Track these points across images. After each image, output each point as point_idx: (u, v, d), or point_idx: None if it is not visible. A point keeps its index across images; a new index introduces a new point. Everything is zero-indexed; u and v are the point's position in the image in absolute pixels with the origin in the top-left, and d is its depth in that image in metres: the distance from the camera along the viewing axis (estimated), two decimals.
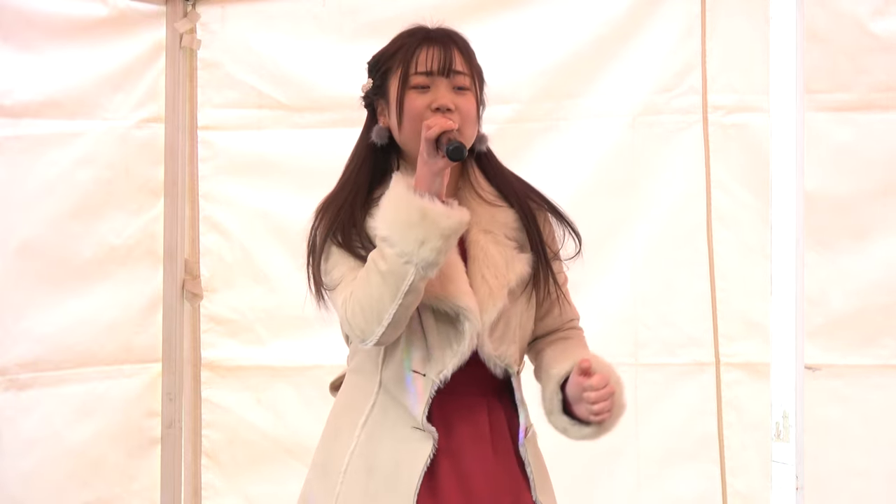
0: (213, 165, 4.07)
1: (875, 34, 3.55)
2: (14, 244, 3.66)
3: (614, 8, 3.73)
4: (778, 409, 1.82)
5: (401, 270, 2.23)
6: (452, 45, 2.40)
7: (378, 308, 2.26)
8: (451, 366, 2.34)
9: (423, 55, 2.39)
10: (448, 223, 2.23)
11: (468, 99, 2.38)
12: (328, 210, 2.44)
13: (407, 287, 2.23)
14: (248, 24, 4.01)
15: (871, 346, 3.62)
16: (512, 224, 2.43)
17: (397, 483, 2.34)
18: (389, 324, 2.27)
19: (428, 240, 2.22)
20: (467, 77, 2.38)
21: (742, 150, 3.67)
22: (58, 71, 3.75)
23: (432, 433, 2.34)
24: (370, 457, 2.38)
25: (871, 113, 3.59)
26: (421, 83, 2.38)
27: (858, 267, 3.60)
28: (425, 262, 2.22)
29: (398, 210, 2.25)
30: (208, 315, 4.08)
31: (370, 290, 2.27)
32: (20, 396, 3.67)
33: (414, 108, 2.36)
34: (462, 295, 2.32)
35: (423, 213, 2.22)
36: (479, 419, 2.40)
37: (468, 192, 2.44)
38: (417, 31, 2.45)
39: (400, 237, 2.23)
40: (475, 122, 2.39)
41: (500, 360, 2.39)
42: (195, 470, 4.09)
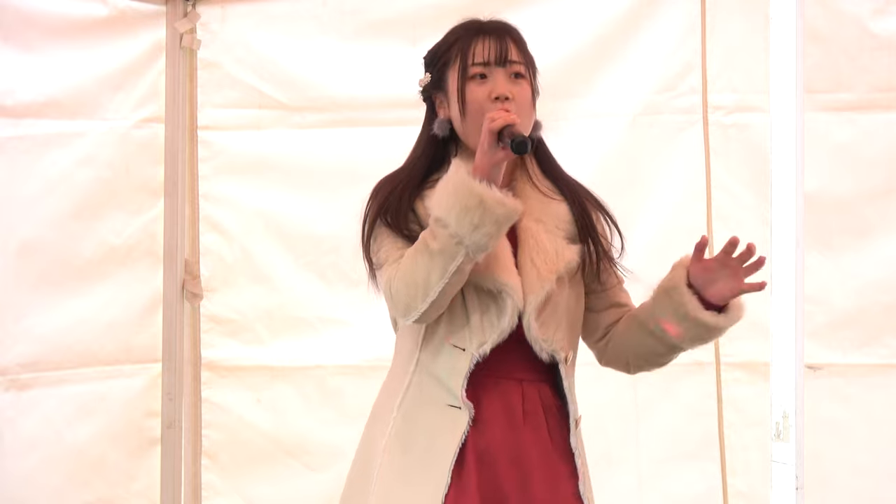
0: (213, 165, 4.07)
1: (875, 34, 3.55)
2: (15, 244, 3.65)
3: (614, 8, 3.73)
4: (778, 409, 1.82)
5: (452, 250, 2.30)
6: (507, 36, 2.46)
7: (424, 285, 2.33)
8: (491, 341, 2.39)
9: (480, 46, 2.44)
10: (503, 211, 2.30)
11: (524, 88, 2.44)
12: (381, 191, 2.51)
13: (455, 267, 2.31)
14: (248, 24, 4.01)
15: (872, 345, 3.62)
16: (564, 217, 2.48)
17: (433, 459, 2.39)
18: (433, 301, 2.34)
19: (482, 225, 2.29)
20: (522, 65, 2.45)
21: (742, 150, 3.67)
22: (58, 71, 3.75)
23: (469, 408, 2.39)
24: (406, 436, 2.43)
25: (871, 113, 3.59)
26: (479, 73, 2.44)
27: (859, 266, 3.61)
28: (476, 245, 2.29)
29: (456, 194, 2.31)
30: (208, 315, 4.08)
31: (418, 266, 2.34)
32: (21, 397, 3.67)
33: (475, 99, 2.43)
34: (505, 272, 2.39)
35: (481, 199, 2.29)
36: (513, 401, 2.43)
37: (524, 181, 2.50)
38: (472, 24, 2.50)
39: (455, 219, 2.29)
40: (531, 110, 2.46)
41: (546, 344, 2.42)
42: (195, 470, 4.08)
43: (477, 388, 2.41)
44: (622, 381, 3.71)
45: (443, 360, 2.42)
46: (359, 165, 3.94)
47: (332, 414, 3.98)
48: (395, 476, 2.42)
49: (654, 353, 2.52)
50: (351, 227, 3.95)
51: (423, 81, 2.55)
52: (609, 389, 3.75)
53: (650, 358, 2.53)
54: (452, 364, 2.41)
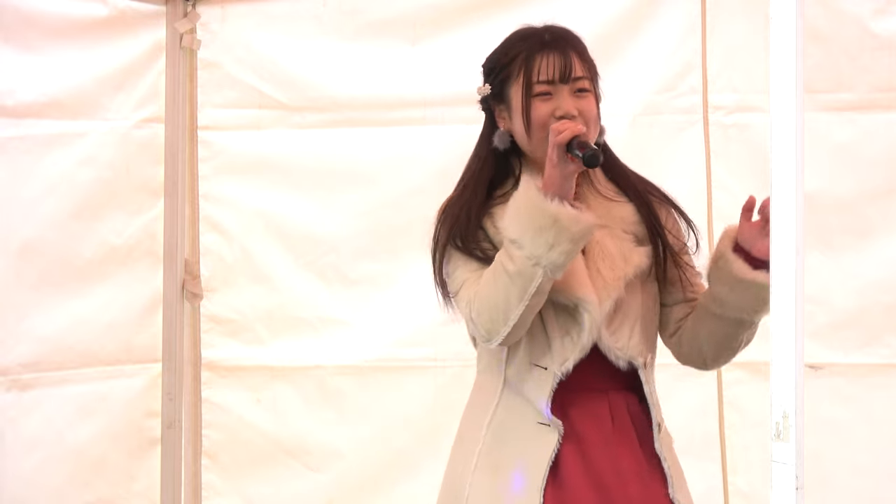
0: (213, 165, 4.07)
1: (876, 34, 3.55)
2: (16, 245, 3.65)
3: (614, 8, 3.73)
4: (778, 409, 1.82)
5: (529, 272, 2.28)
6: (570, 50, 2.44)
7: (505, 308, 2.31)
8: (573, 358, 2.38)
9: (544, 63, 2.42)
10: (578, 228, 2.29)
11: (589, 101, 2.42)
12: (449, 213, 2.47)
13: (535, 289, 2.29)
14: (248, 24, 4.01)
15: (873, 345, 3.62)
16: (630, 218, 2.47)
17: (526, 478, 2.37)
18: (515, 324, 2.32)
19: (558, 243, 2.28)
20: (586, 80, 2.43)
21: (742, 150, 3.68)
22: (58, 71, 3.75)
23: (558, 426, 2.38)
24: (496, 455, 2.42)
25: (872, 113, 3.59)
26: (543, 91, 2.41)
27: (861, 266, 3.61)
28: (554, 264, 2.28)
29: (529, 214, 2.30)
30: (208, 315, 4.08)
31: (497, 290, 2.32)
32: (22, 397, 3.67)
33: (539, 117, 2.40)
34: (580, 287, 2.37)
35: (555, 218, 2.28)
36: (601, 413, 2.42)
37: (587, 187, 2.48)
38: (532, 36, 2.47)
39: (530, 240, 2.28)
40: (598, 123, 2.44)
41: (622, 352, 2.41)
42: (195, 470, 4.09)
43: (564, 403, 2.40)
44: None
45: (527, 378, 2.41)
46: (359, 165, 3.95)
47: (332, 414, 3.99)
48: (487, 497, 2.41)
49: (725, 337, 2.49)
50: (351, 227, 3.98)
51: (482, 91, 2.51)
52: None
53: (723, 342, 2.50)
54: (536, 383, 2.40)
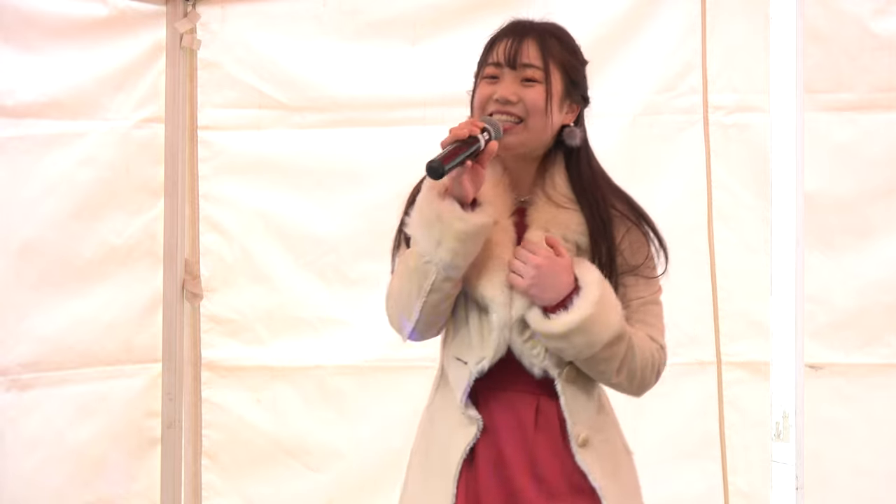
0: (213, 165, 4.07)
1: (876, 34, 3.55)
2: (16, 245, 3.65)
3: (614, 8, 3.73)
4: (778, 409, 1.82)
5: (423, 269, 2.29)
6: (528, 38, 2.40)
7: (406, 304, 2.33)
8: (489, 358, 2.36)
9: (498, 46, 2.41)
10: (462, 226, 2.27)
11: (535, 90, 2.37)
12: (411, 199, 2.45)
13: (429, 286, 2.29)
14: (248, 24, 4.01)
15: (874, 344, 3.62)
16: (575, 226, 2.41)
17: (444, 466, 2.39)
18: (418, 320, 2.33)
19: (443, 241, 2.27)
20: (538, 70, 2.38)
21: (742, 150, 3.68)
22: (58, 71, 3.75)
23: (476, 419, 2.38)
24: (429, 437, 2.46)
25: (872, 113, 3.59)
26: (491, 73, 2.41)
27: (861, 266, 3.61)
28: (443, 262, 2.27)
29: (421, 210, 2.30)
30: (208, 315, 4.08)
31: (400, 286, 2.34)
32: (22, 397, 3.67)
33: (479, 98, 2.41)
34: (492, 286, 2.35)
35: (438, 214, 2.27)
36: (524, 416, 2.40)
37: (541, 189, 2.44)
38: (508, 24, 2.47)
39: (421, 236, 2.29)
40: (543, 115, 2.37)
41: (537, 360, 2.37)
42: (195, 470, 4.08)
43: (489, 399, 2.40)
44: None
45: (452, 370, 2.42)
46: (359, 165, 3.95)
47: (332, 414, 3.99)
48: (419, 476, 2.47)
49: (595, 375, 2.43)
50: (350, 227, 3.98)
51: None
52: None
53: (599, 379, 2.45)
54: (457, 376, 2.40)
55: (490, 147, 2.29)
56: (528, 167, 2.44)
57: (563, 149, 2.44)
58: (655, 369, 2.45)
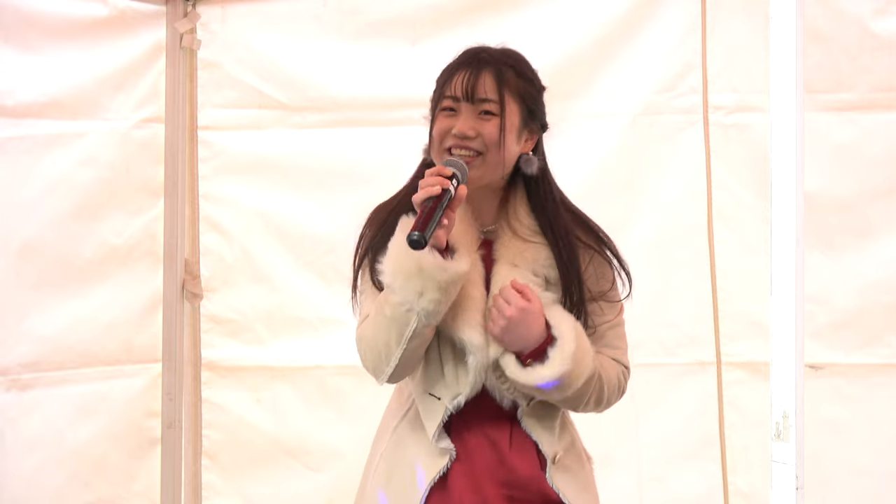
0: (213, 165, 4.07)
1: (876, 34, 3.55)
2: (16, 245, 3.65)
3: (614, 8, 3.73)
4: (778, 409, 1.82)
5: (404, 318, 2.30)
6: (485, 71, 2.40)
7: (385, 351, 2.33)
8: (465, 394, 2.38)
9: (456, 79, 2.41)
10: (444, 276, 2.28)
11: (492, 124, 2.38)
12: (375, 220, 2.48)
13: (410, 333, 2.30)
14: (248, 24, 4.01)
15: (873, 345, 3.62)
16: (542, 261, 2.42)
17: (410, 491, 2.40)
18: (397, 365, 2.34)
19: (426, 291, 2.28)
20: (494, 104, 2.39)
21: (742, 150, 3.68)
22: (58, 71, 3.75)
23: (449, 450, 2.40)
24: (392, 462, 2.46)
25: (872, 112, 3.59)
26: (448, 106, 2.42)
27: (861, 266, 3.61)
28: (426, 311, 2.29)
29: (398, 259, 2.30)
30: (208, 315, 4.08)
31: (377, 332, 2.34)
32: (22, 397, 3.67)
33: (438, 131, 2.42)
34: (467, 328, 2.36)
35: (420, 266, 2.27)
36: (500, 440, 2.42)
37: (505, 222, 2.45)
38: (466, 52, 2.46)
39: (400, 287, 2.29)
40: (500, 148, 2.38)
41: (507, 392, 2.40)
42: (195, 470, 4.09)
43: (462, 429, 2.41)
44: None
45: (423, 403, 2.43)
46: (359, 165, 3.95)
47: (332, 414, 3.99)
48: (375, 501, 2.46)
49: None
50: (350, 227, 3.96)
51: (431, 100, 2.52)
52: None
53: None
54: (430, 411, 2.41)
55: (460, 192, 2.30)
56: (490, 197, 2.46)
57: (524, 177, 2.46)
58: (620, 391, 2.51)
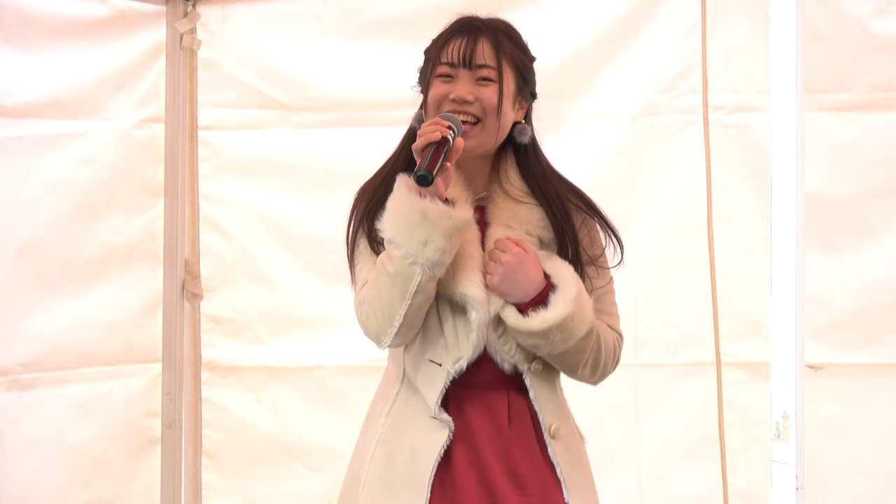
0: (213, 165, 4.07)
1: (876, 34, 3.55)
2: (16, 245, 3.65)
3: (614, 8, 3.73)
4: (778, 409, 1.82)
5: (408, 271, 2.28)
6: (482, 38, 2.41)
7: (389, 310, 2.31)
8: (467, 357, 2.36)
9: (452, 46, 2.42)
10: (448, 223, 2.27)
11: (490, 90, 2.40)
12: (364, 194, 2.48)
13: (415, 287, 2.28)
14: (248, 24, 4.01)
15: (873, 345, 3.62)
16: (536, 221, 2.44)
17: (414, 472, 2.38)
18: (401, 325, 2.32)
19: (430, 240, 2.26)
20: (492, 70, 2.40)
21: (743, 150, 3.68)
22: (58, 71, 3.75)
23: (448, 423, 2.38)
24: (392, 445, 2.43)
25: (872, 113, 3.59)
26: (445, 73, 2.42)
27: (861, 266, 3.61)
28: (430, 261, 2.27)
29: (400, 212, 2.29)
30: (208, 315, 4.08)
31: (380, 292, 2.32)
32: (22, 397, 3.67)
33: (434, 96, 2.42)
34: (470, 284, 2.35)
35: (424, 214, 2.26)
36: (498, 411, 2.41)
37: (497, 186, 2.46)
38: (459, 21, 2.47)
39: (404, 239, 2.27)
40: (497, 114, 2.40)
41: (507, 355, 2.39)
42: (195, 470, 4.09)
43: (460, 397, 2.40)
44: (622, 381, 3.72)
45: (422, 373, 2.41)
46: (359, 165, 3.90)
47: (332, 414, 3.98)
48: (381, 487, 2.42)
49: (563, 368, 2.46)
50: None
51: (419, 70, 2.53)
52: (609, 390, 3.72)
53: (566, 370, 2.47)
54: (429, 378, 2.40)
55: (457, 143, 2.31)
56: (482, 164, 2.46)
57: (513, 144, 2.48)
58: (615, 359, 2.51)
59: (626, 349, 3.70)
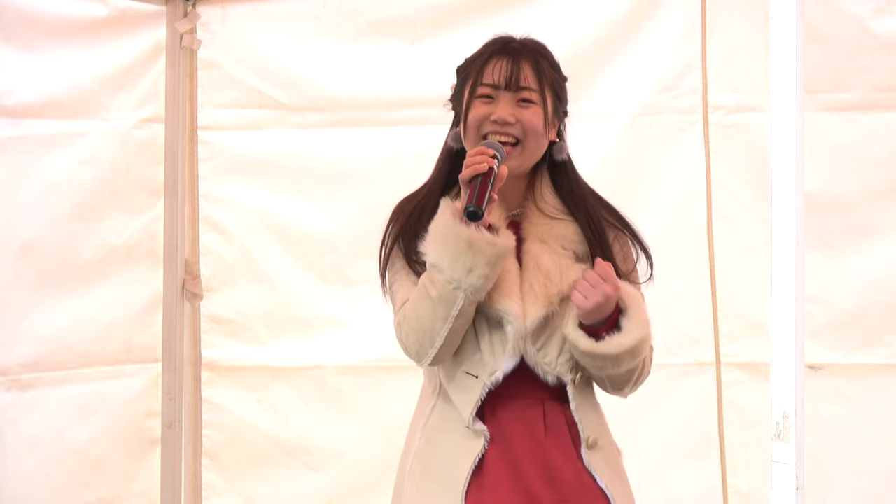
0: (213, 165, 4.07)
1: (876, 34, 3.55)
2: (16, 245, 3.65)
3: (614, 8, 3.73)
4: (778, 409, 1.82)
5: (451, 296, 2.32)
6: (523, 60, 2.44)
7: (430, 332, 2.35)
8: (502, 369, 2.39)
9: (493, 67, 2.44)
10: (493, 251, 2.31)
11: (533, 112, 2.43)
12: (402, 212, 2.49)
13: (457, 311, 2.33)
14: (248, 24, 4.01)
15: (873, 345, 3.62)
16: (571, 236, 2.46)
17: (448, 482, 2.40)
18: (442, 346, 2.36)
19: (476, 267, 2.30)
20: (534, 92, 2.43)
21: (742, 150, 3.68)
22: (59, 71, 3.75)
23: (483, 432, 2.40)
24: (427, 458, 2.45)
25: (872, 113, 3.59)
26: (486, 94, 2.44)
27: (861, 266, 3.61)
28: (473, 287, 2.31)
29: (445, 238, 2.32)
30: (208, 315, 4.08)
31: (422, 314, 2.35)
32: (22, 397, 3.67)
33: (474, 117, 2.43)
34: (505, 299, 2.38)
35: (470, 242, 2.30)
36: (534, 422, 2.43)
37: (531, 203, 2.49)
38: (497, 41, 2.49)
39: (448, 265, 2.31)
40: (539, 135, 2.44)
41: (549, 367, 2.42)
42: (195, 470, 4.08)
43: (497, 408, 2.42)
44: None
45: (457, 385, 2.43)
46: (359, 165, 3.95)
47: (332, 414, 3.99)
48: (418, 497, 2.45)
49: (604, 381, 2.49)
50: (350, 227, 3.98)
51: (452, 88, 2.54)
52: None
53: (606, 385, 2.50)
54: (465, 391, 2.42)
55: (501, 172, 2.34)
56: (517, 182, 2.48)
57: (549, 163, 2.51)
58: (649, 372, 2.54)
59: None
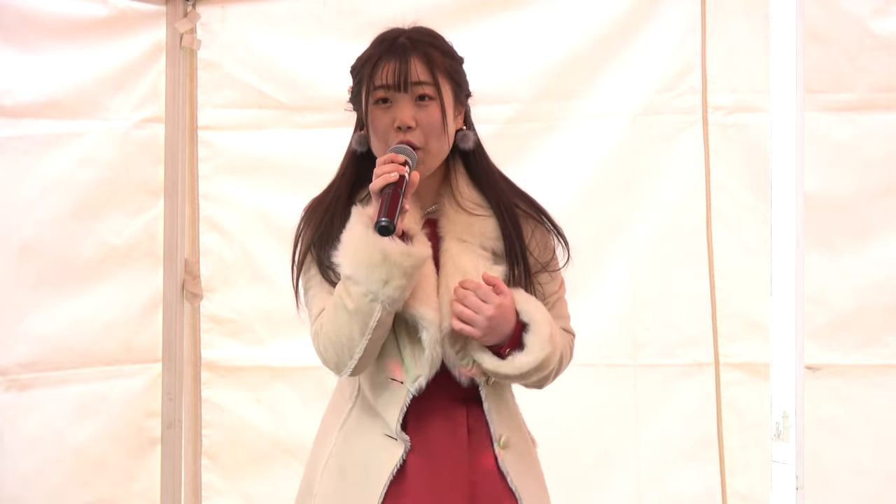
0: (213, 165, 4.07)
1: (876, 34, 3.55)
2: (15, 244, 3.66)
3: (614, 8, 3.73)
4: (778, 409, 1.82)
5: (367, 308, 2.27)
6: (411, 55, 2.37)
7: (349, 344, 2.30)
8: (426, 375, 2.36)
9: (383, 70, 2.37)
10: (409, 262, 2.26)
11: (431, 110, 2.36)
12: (312, 216, 2.46)
13: (375, 323, 2.28)
14: (248, 24, 4.01)
15: (872, 345, 3.62)
16: (490, 234, 2.42)
17: (366, 488, 2.37)
18: (361, 357, 2.31)
19: (392, 279, 2.25)
20: (429, 86, 2.37)
21: (742, 151, 3.67)
22: (58, 71, 3.75)
23: (405, 441, 2.37)
24: (344, 458, 2.42)
25: (871, 113, 3.59)
26: (381, 97, 2.37)
27: (860, 266, 3.60)
28: (391, 299, 2.26)
29: (358, 250, 2.27)
30: (208, 315, 4.08)
31: (339, 326, 2.30)
32: (21, 397, 3.67)
33: (379, 128, 2.37)
34: (421, 304, 2.33)
35: (385, 255, 2.25)
36: (457, 426, 2.41)
37: (448, 198, 2.44)
38: (385, 40, 2.42)
39: (364, 277, 2.26)
40: (440, 134, 2.37)
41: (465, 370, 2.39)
42: (195, 470, 4.09)
43: (421, 413, 2.39)
44: (621, 381, 3.73)
45: (379, 390, 2.40)
46: None
47: None
48: (332, 498, 2.42)
49: None
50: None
51: (350, 91, 2.48)
52: (608, 390, 3.75)
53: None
54: (389, 397, 2.39)
55: (413, 178, 2.28)
56: (431, 179, 2.42)
57: (460, 152, 2.45)
58: (570, 359, 2.51)
59: (624, 350, 3.74)
